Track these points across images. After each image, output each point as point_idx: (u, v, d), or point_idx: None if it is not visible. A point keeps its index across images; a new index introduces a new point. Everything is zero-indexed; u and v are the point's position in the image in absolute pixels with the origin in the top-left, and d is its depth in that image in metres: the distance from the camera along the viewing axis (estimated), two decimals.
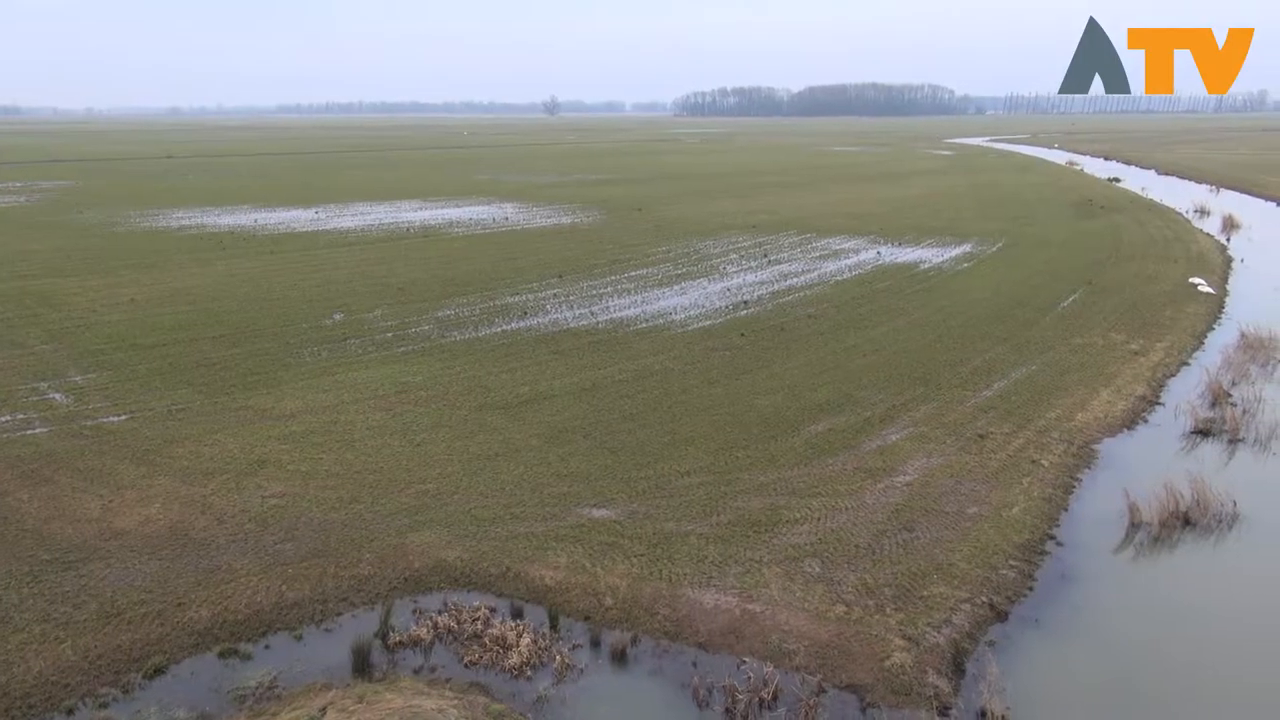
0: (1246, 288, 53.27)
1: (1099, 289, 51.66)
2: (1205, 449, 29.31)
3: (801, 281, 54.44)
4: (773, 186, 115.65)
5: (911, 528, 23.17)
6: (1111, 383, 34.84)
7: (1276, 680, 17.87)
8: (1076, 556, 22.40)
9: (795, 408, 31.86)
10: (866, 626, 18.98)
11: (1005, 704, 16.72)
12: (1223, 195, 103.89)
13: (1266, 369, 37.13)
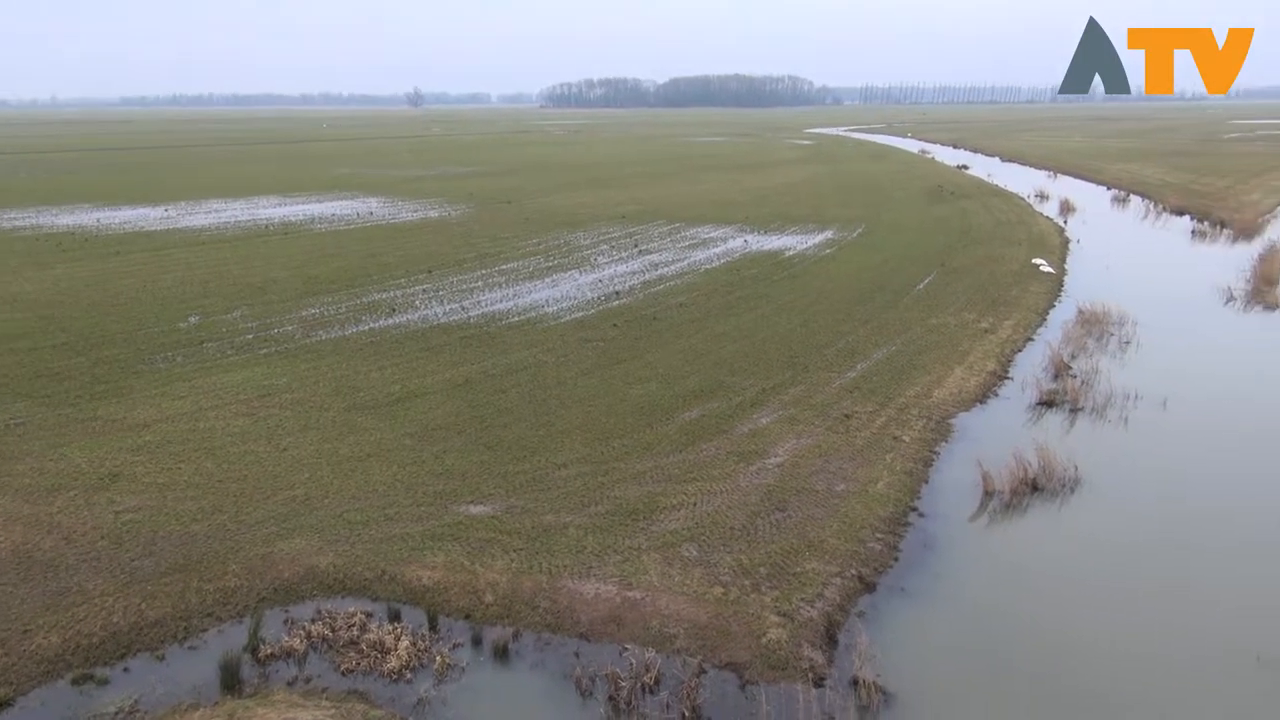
0: (1082, 267, 56.96)
1: (951, 271, 54.28)
2: (1050, 419, 31.27)
3: (672, 271, 55.12)
4: (641, 177, 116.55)
5: (784, 507, 23.86)
6: (965, 360, 36.71)
7: (1117, 630, 19.22)
8: (937, 526, 23.56)
9: (669, 395, 32.30)
10: (743, 606, 19.46)
11: (876, 671, 17.44)
12: (1060, 180, 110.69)
13: (1101, 342, 39.87)
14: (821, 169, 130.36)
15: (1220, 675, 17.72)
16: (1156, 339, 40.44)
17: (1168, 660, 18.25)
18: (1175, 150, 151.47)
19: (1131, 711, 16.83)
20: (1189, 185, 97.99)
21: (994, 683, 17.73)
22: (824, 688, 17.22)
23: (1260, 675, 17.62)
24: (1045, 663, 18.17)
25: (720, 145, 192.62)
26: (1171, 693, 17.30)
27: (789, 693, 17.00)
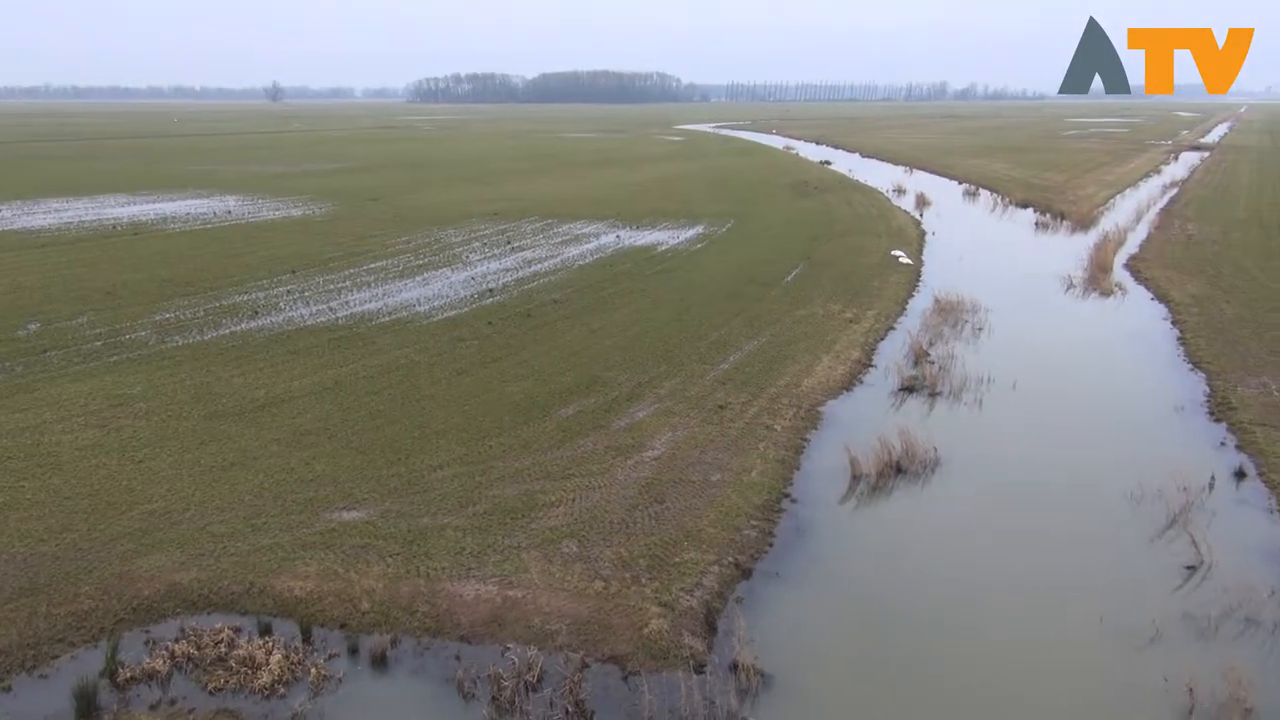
0: (938, 258, 59.73)
1: (817, 263, 56.03)
2: (911, 403, 32.70)
3: (546, 267, 54.94)
4: (513, 173, 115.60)
5: (662, 499, 24.17)
6: (831, 349, 37.98)
7: (978, 600, 20.31)
8: (809, 511, 24.33)
9: (545, 392, 32.22)
10: (624, 599, 19.64)
11: (754, 654, 17.90)
12: (916, 175, 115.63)
13: (956, 329, 41.95)
14: (691, 164, 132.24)
15: (1070, 638, 18.94)
16: (1006, 325, 42.83)
17: (1024, 625, 19.38)
18: (1019, 147, 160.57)
19: (993, 675, 17.82)
20: (1031, 180, 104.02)
21: (865, 659, 18.47)
22: (705, 674, 17.56)
23: (1104, 637, 18.92)
24: (913, 635, 19.04)
25: (591, 141, 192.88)
26: (1026, 657, 18.39)
27: (671, 681, 17.27)
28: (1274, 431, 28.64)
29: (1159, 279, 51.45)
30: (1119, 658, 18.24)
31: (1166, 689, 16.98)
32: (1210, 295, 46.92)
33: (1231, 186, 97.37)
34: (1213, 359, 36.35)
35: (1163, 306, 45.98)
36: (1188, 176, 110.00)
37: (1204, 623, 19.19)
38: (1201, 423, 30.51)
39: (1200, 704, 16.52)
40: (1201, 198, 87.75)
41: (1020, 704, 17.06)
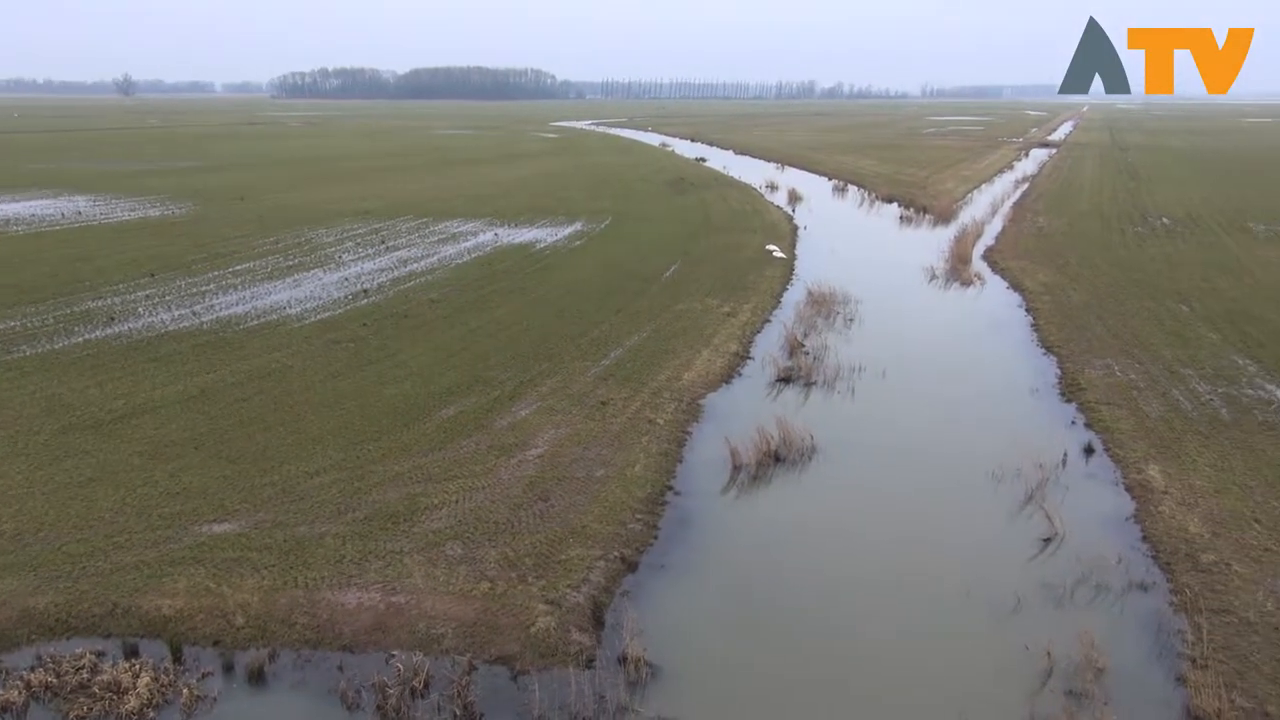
0: (810, 252, 61.49)
1: (694, 259, 56.87)
2: (787, 394, 33.62)
3: (422, 266, 53.97)
4: (386, 171, 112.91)
5: (546, 497, 24.14)
6: (710, 343, 38.65)
7: (857, 582, 21.09)
8: (692, 502, 24.75)
9: (425, 394, 31.69)
10: (511, 598, 19.55)
11: (642, 646, 18.10)
12: (787, 172, 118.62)
13: (829, 320, 43.34)
14: (568, 162, 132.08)
15: (940, 612, 19.88)
16: (875, 315, 44.49)
17: (897, 603, 20.23)
18: (883, 144, 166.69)
19: (870, 651, 18.54)
20: (895, 175, 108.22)
21: (750, 644, 18.92)
22: (594, 669, 17.66)
23: (971, 609, 19.95)
24: (793, 618, 19.63)
25: (466, 138, 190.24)
26: (900, 634, 19.20)
27: (560, 678, 17.30)
28: (1118, 409, 30.70)
29: (1013, 269, 54.35)
30: (985, 628, 19.26)
31: (1028, 654, 18.01)
32: (1059, 283, 49.87)
33: (1076, 181, 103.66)
34: (1062, 343, 38.68)
35: (1017, 295, 48.61)
36: (1037, 172, 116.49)
37: (1060, 590, 20.45)
38: (1054, 403, 32.43)
39: (1058, 666, 17.61)
40: (1050, 192, 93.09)
41: (897, 678, 17.81)
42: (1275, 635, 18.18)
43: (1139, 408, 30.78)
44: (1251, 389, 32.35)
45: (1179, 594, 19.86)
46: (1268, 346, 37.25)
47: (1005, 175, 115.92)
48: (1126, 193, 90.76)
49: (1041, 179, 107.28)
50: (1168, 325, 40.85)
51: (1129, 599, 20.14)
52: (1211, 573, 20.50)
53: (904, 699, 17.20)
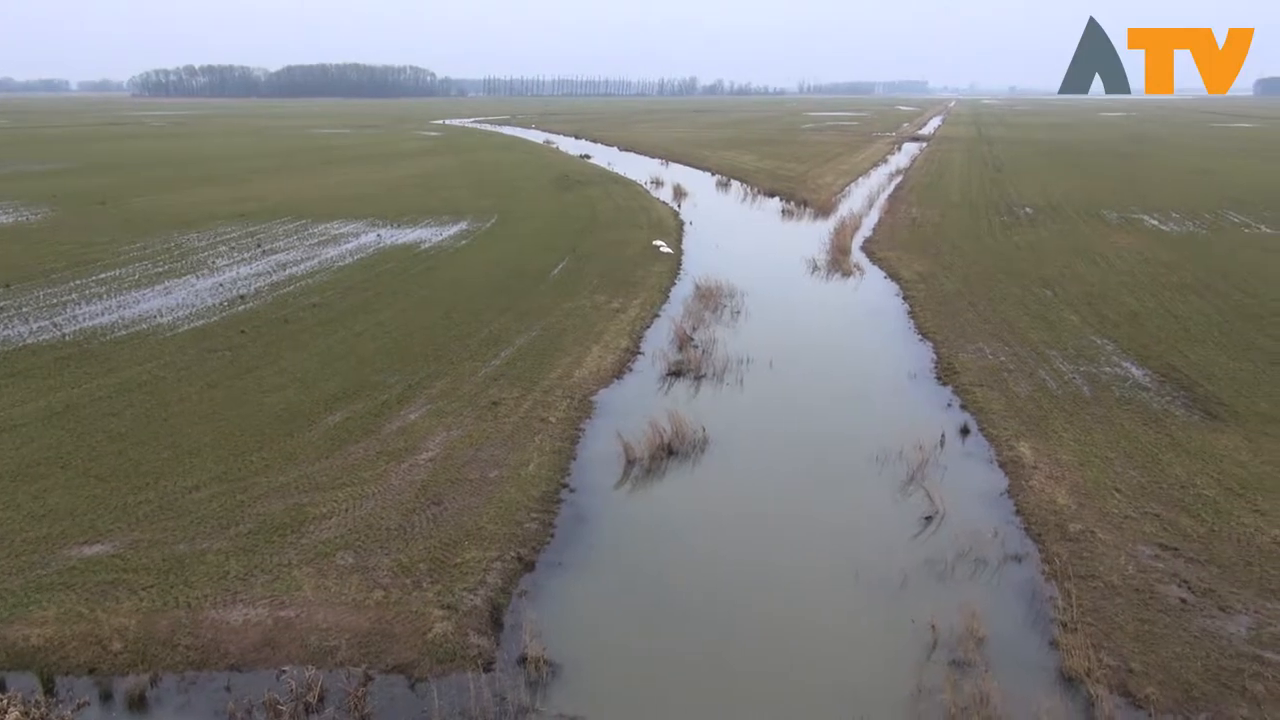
0: (696, 246, 62.28)
1: (582, 256, 56.89)
2: (678, 387, 34.03)
3: (302, 270, 52.35)
4: (260, 171, 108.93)
5: (439, 501, 23.81)
6: (600, 339, 38.77)
7: (752, 569, 21.54)
8: (586, 498, 24.81)
9: (309, 401, 30.79)
10: (406, 605, 19.22)
11: (542, 645, 18.06)
12: (672, 168, 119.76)
13: (716, 314, 44.04)
14: (451, 160, 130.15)
15: (831, 594, 20.50)
16: (761, 307, 45.44)
17: (790, 588, 20.76)
18: (764, 139, 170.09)
19: (765, 638, 18.96)
20: (776, 170, 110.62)
21: (649, 637, 19.12)
22: (493, 671, 17.54)
23: (860, 589, 20.65)
24: (690, 609, 19.91)
25: (345, 137, 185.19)
26: (794, 618, 19.71)
27: (459, 682, 17.12)
28: (990, 391, 32.20)
29: (890, 259, 56.32)
30: (873, 606, 19.96)
31: (914, 628, 18.77)
32: (933, 272, 51.94)
33: (946, 173, 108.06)
34: (937, 329, 40.32)
35: (894, 284, 50.39)
36: (910, 165, 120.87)
37: (942, 566, 21.36)
38: (931, 387, 33.80)
39: (942, 639, 18.41)
40: (922, 184, 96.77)
41: (792, 659, 18.28)
42: (1136, 597, 19.42)
43: (1009, 388, 32.36)
44: (1109, 367, 34.41)
45: (1049, 563, 20.99)
46: (1122, 327, 39.68)
47: (880, 169, 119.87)
48: (992, 184, 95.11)
49: (914, 172, 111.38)
50: (1033, 309, 43.05)
51: (1005, 570, 21.18)
52: (1078, 541, 21.74)
53: (800, 679, 17.68)
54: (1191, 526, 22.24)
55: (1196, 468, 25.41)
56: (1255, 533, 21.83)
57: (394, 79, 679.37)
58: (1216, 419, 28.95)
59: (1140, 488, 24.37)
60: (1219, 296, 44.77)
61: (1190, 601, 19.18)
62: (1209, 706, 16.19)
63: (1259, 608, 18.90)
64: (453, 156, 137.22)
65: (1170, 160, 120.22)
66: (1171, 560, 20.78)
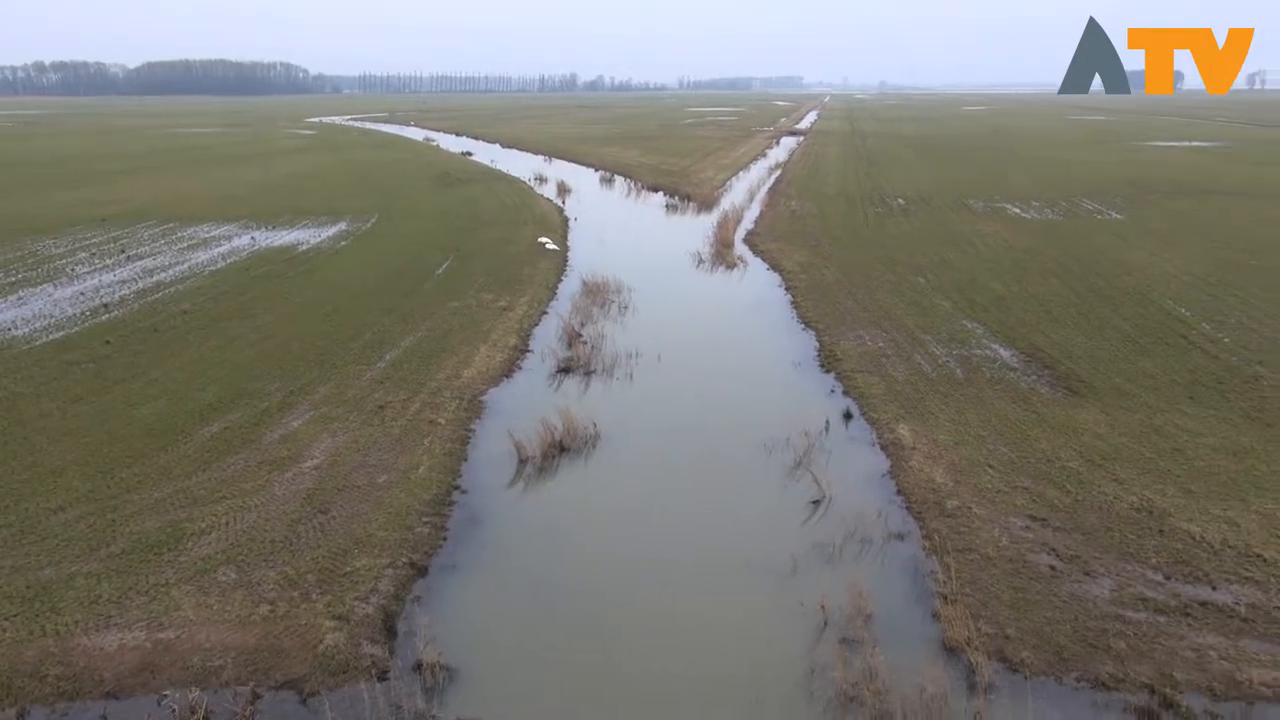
0: (582, 243, 62.31)
1: (466, 255, 56.17)
2: (568, 384, 34.00)
3: (170, 276, 50.04)
4: (122, 173, 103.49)
5: (327, 509, 23.18)
6: (488, 338, 38.38)
7: (645, 562, 21.73)
8: (479, 499, 24.56)
9: (183, 412, 29.49)
10: (294, 619, 18.66)
11: (438, 650, 17.81)
12: (555, 164, 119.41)
13: (604, 309, 44.18)
14: (327, 159, 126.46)
15: (724, 584, 20.87)
16: (648, 301, 45.79)
17: (684, 580, 21.03)
18: (646, 135, 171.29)
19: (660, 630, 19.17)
20: (659, 165, 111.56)
21: (545, 636, 19.07)
22: (388, 680, 17.20)
23: (752, 576, 21.09)
24: (585, 605, 19.97)
25: (213, 136, 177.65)
26: (689, 610, 19.97)
27: (353, 693, 16.73)
28: (870, 377, 33.31)
29: (772, 251, 57.56)
30: (765, 592, 20.41)
31: (805, 611, 19.29)
32: (814, 263, 53.34)
33: (822, 166, 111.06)
34: (819, 318, 41.45)
35: (777, 275, 51.52)
36: (788, 159, 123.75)
37: (830, 548, 22.01)
38: (815, 374, 34.73)
39: (832, 618, 18.98)
40: (801, 177, 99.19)
41: (690, 650, 18.53)
42: (1010, 567, 20.45)
43: (888, 373, 33.54)
44: (980, 349, 36.06)
45: (930, 539, 21.89)
46: (990, 310, 41.63)
47: (760, 162, 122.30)
48: (867, 176, 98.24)
49: (792, 165, 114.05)
50: (908, 296, 44.72)
51: (889, 548, 21.98)
52: (956, 517, 22.74)
53: (696, 670, 17.94)
54: (1058, 497, 23.55)
55: (1061, 442, 26.91)
56: (1115, 500, 23.26)
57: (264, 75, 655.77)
58: (1077, 395, 30.71)
59: (1011, 463, 25.64)
60: (1076, 279, 47.46)
61: (1059, 568, 20.31)
62: (1078, 666, 17.19)
63: (1120, 570, 20.17)
64: (329, 155, 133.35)
65: (1029, 152, 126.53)
66: (1041, 530, 21.96)
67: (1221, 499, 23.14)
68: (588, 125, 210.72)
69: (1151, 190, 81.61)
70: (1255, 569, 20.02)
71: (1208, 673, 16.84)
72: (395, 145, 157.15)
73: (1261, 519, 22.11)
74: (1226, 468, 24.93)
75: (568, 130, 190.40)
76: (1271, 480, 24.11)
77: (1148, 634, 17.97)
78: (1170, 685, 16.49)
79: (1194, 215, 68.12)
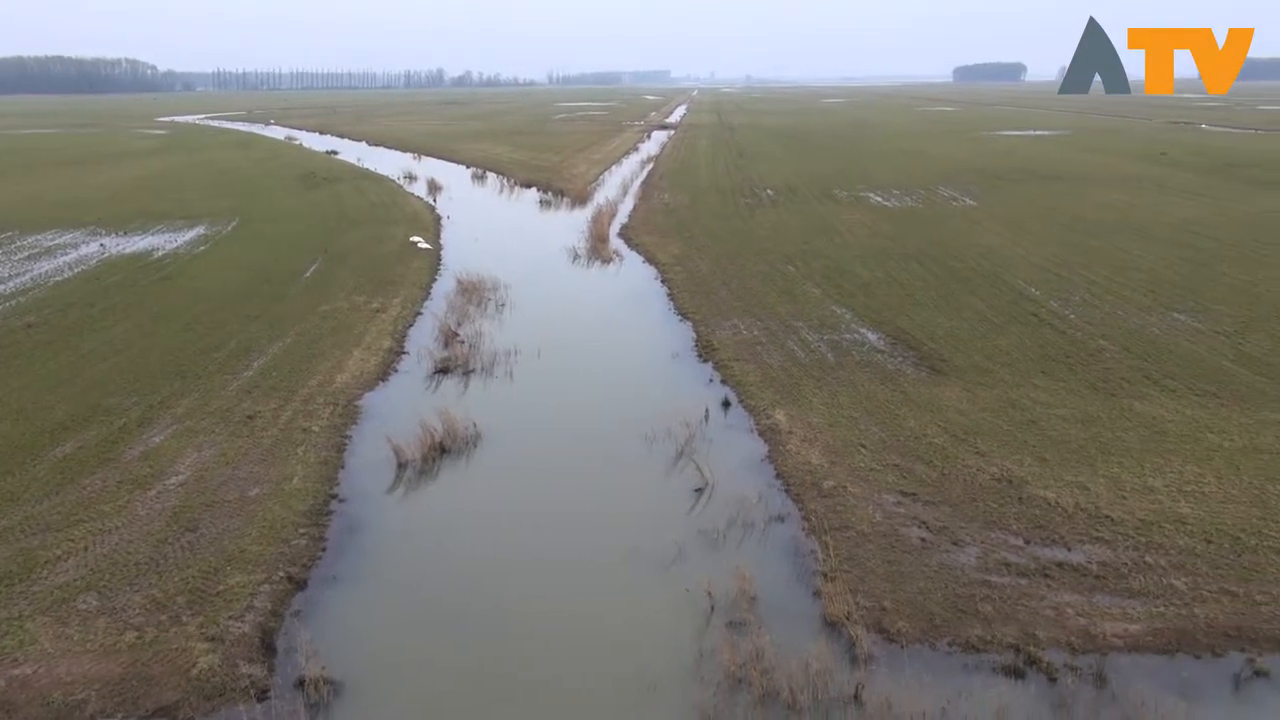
0: (455, 241, 61.38)
1: (335, 256, 54.54)
2: (447, 385, 33.49)
3: (11, 288, 46.80)
4: None
5: (195, 527, 22.17)
6: (361, 341, 37.41)
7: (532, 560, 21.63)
8: (358, 507, 23.94)
9: (31, 433, 27.66)
10: (165, 644, 17.79)
11: (321, 665, 17.30)
12: (425, 161, 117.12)
13: (481, 308, 43.68)
14: (182, 159, 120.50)
15: (610, 577, 20.98)
16: (525, 298, 45.53)
17: (570, 576, 21.04)
18: (517, 130, 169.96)
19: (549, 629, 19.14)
20: (531, 161, 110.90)
21: (431, 641, 18.78)
22: (269, 700, 16.61)
23: (638, 567, 21.27)
24: (471, 608, 19.75)
25: (54, 137, 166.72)
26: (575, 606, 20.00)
27: (231, 717, 16.09)
28: (747, 364, 34.04)
29: (647, 244, 58.05)
30: (652, 581, 20.62)
31: (692, 598, 19.59)
32: (688, 254, 54.08)
33: (693, 160, 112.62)
34: (695, 309, 42.08)
35: (652, 268, 52.01)
36: (660, 153, 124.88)
37: (714, 534, 22.41)
38: (693, 364, 35.25)
39: (718, 603, 19.34)
40: (672, 170, 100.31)
41: (580, 646, 18.56)
42: (884, 541, 21.29)
43: (763, 360, 34.35)
44: (849, 334, 37.33)
45: (808, 519, 22.56)
46: (857, 296, 43.13)
47: (632, 157, 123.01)
48: (736, 169, 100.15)
49: (664, 159, 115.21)
50: (779, 285, 45.87)
51: (770, 531, 22.55)
52: (832, 496, 23.51)
53: (587, 666, 18.00)
54: (926, 473, 24.63)
55: (927, 419, 28.14)
56: (977, 472, 24.50)
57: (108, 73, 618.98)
58: (940, 374, 32.17)
59: (882, 442, 26.67)
60: (935, 263, 49.67)
61: (929, 540, 21.27)
62: (950, 631, 18.06)
63: (984, 538, 21.28)
64: (184, 156, 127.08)
65: (887, 143, 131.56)
66: (911, 505, 22.94)
67: (1073, 465, 24.68)
68: (457, 121, 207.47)
69: (1001, 177, 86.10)
70: (1104, 529, 21.44)
71: (1066, 629, 17.95)
72: (255, 145, 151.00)
73: (1108, 481, 23.70)
74: (1076, 436, 26.60)
75: (437, 127, 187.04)
76: (1115, 445, 25.87)
77: (1011, 596, 19.02)
78: (1033, 644, 17.51)
79: (1039, 200, 72.27)
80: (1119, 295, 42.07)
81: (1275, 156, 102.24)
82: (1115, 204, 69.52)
